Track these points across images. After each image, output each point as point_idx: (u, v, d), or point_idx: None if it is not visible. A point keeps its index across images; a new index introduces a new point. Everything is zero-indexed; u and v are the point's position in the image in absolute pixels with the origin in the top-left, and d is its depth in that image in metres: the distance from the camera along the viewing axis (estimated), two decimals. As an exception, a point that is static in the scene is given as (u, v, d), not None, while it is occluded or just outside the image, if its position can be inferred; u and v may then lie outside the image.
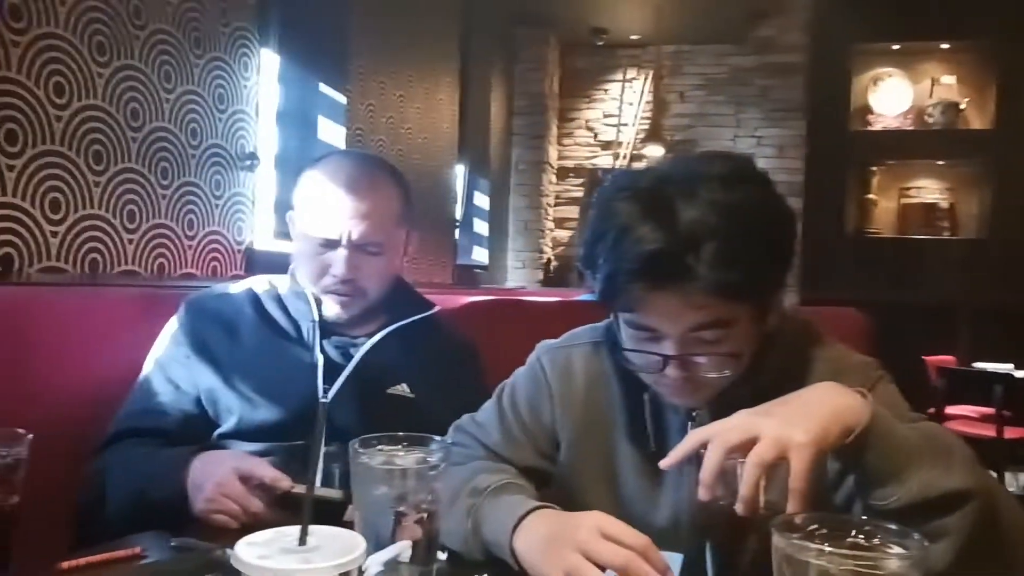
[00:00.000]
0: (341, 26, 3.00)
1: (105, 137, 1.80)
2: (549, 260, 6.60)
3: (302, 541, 0.60)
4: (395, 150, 3.75)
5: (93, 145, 1.76)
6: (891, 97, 6.36)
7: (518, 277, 6.41)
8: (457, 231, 4.78)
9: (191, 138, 2.12)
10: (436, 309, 1.40)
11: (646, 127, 6.38)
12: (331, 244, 1.25)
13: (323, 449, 1.18)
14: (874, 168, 6.40)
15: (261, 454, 1.14)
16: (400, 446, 0.75)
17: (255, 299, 1.31)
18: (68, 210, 1.70)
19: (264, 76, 2.46)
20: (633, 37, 6.37)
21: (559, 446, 1.06)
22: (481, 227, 5.41)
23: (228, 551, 0.84)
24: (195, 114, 2.14)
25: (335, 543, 0.61)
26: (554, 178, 6.77)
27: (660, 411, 0.99)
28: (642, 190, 0.87)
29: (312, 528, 0.61)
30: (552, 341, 1.09)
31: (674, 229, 0.82)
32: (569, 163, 6.80)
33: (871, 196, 6.41)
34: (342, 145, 3.04)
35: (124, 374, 1.28)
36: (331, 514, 0.86)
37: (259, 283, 1.34)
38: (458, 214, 4.80)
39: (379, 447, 0.73)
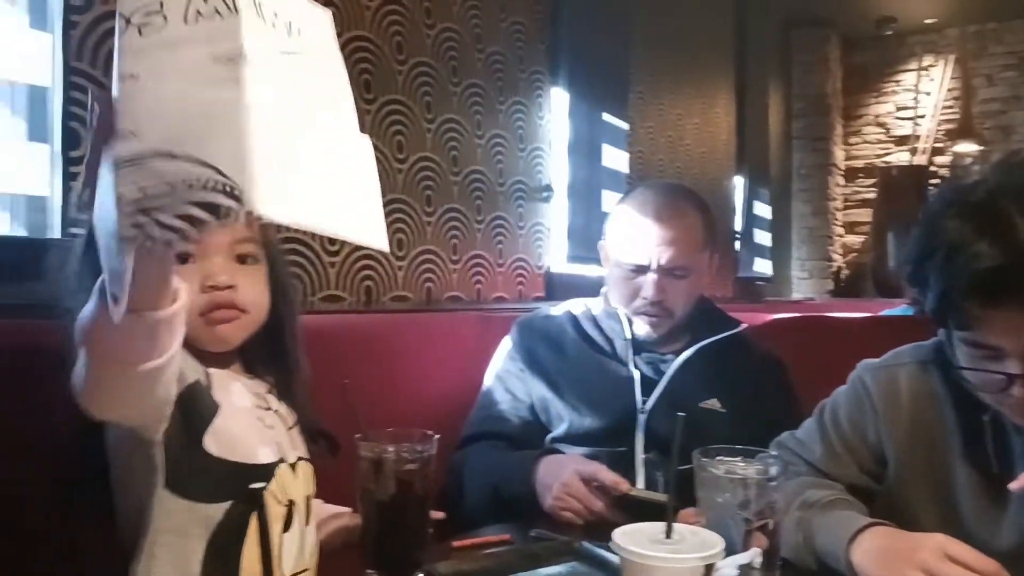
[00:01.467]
0: (621, 58, 3.15)
1: (433, 182, 2.09)
2: (839, 269, 6.21)
3: (668, 534, 0.70)
4: (674, 168, 3.82)
5: (425, 191, 2.06)
6: None
7: (804, 288, 6.11)
8: (737, 243, 4.70)
9: (499, 176, 2.38)
10: (743, 327, 1.45)
11: (949, 118, 5.77)
12: (641, 270, 1.36)
13: (643, 456, 1.29)
14: None
15: (588, 457, 1.27)
16: (740, 458, 0.82)
17: (574, 319, 1.46)
18: (409, 247, 2.00)
19: (555, 113, 2.67)
20: (928, 21, 5.81)
21: (884, 464, 1.05)
22: (762, 238, 5.26)
23: (583, 544, 0.97)
24: (501, 154, 2.39)
25: (695, 538, 0.70)
26: (841, 180, 6.37)
27: (1002, 432, 0.95)
28: (973, 204, 0.85)
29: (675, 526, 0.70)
30: (874, 360, 1.09)
31: (1014, 244, 0.80)
32: (858, 163, 6.36)
33: None
34: (625, 169, 3.17)
35: (464, 384, 1.50)
36: (658, 516, 0.96)
37: (576, 305, 1.50)
38: (738, 225, 4.73)
39: (719, 457, 0.81)
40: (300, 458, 0.89)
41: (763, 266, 5.29)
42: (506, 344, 1.48)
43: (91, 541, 0.88)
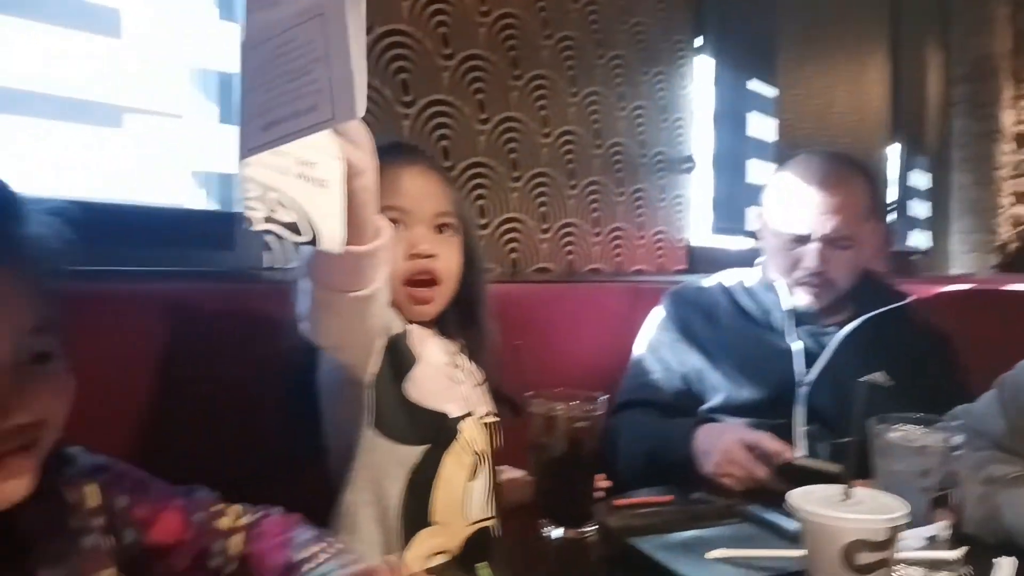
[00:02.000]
0: (768, 23, 3.03)
1: (576, 155, 2.11)
2: (1006, 242, 5.72)
3: (846, 497, 0.70)
4: (824, 136, 3.64)
5: (568, 163, 2.08)
6: None
7: (965, 263, 5.68)
8: (892, 215, 4.44)
9: (640, 148, 2.36)
10: (911, 299, 1.39)
11: None
12: (802, 240, 1.32)
13: (803, 428, 1.27)
14: None
15: (748, 427, 1.26)
16: (919, 426, 0.79)
17: (727, 292, 1.45)
18: (552, 220, 2.03)
19: (699, 82, 2.62)
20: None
21: None
22: (918, 209, 4.93)
23: (749, 507, 0.97)
24: (643, 125, 2.37)
25: (874, 502, 0.69)
26: (1009, 148, 5.84)
27: None
28: None
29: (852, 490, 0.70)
30: None
31: None
32: (1028, 128, 5.81)
33: None
34: (771, 138, 3.07)
35: (614, 354, 1.52)
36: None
37: (728, 277, 1.48)
38: (892, 197, 4.45)
39: (897, 425, 0.79)
40: (487, 413, 0.96)
41: (918, 239, 4.97)
42: (658, 314, 1.48)
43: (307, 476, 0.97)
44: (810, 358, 1.32)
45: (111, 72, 1.16)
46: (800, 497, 0.69)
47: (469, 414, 0.93)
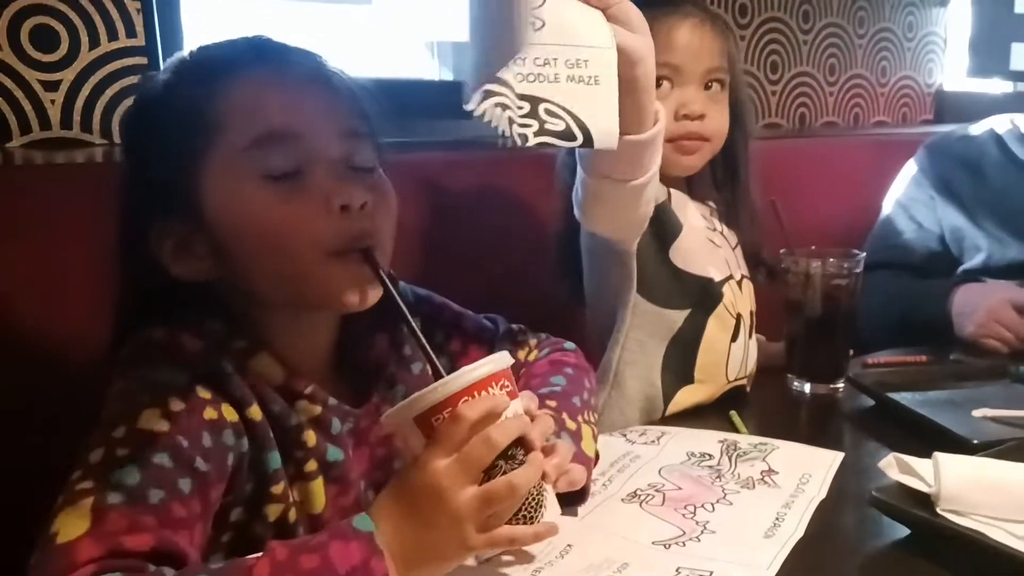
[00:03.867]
0: None
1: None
2: None
3: None
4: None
5: (803, 4, 1.91)
6: None
7: None
8: None
9: (890, -19, 2.11)
10: None
11: None
12: None
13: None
14: None
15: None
16: None
17: (998, 139, 1.31)
18: (784, 69, 1.90)
19: None
20: None
21: None
22: None
23: (1019, 366, 0.93)
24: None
25: None
26: None
27: None
28: None
29: None
30: None
31: None
32: None
33: None
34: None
35: (859, 212, 1.44)
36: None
37: (1000, 123, 1.33)
38: None
39: None
40: (744, 276, 0.97)
41: None
42: (911, 168, 1.38)
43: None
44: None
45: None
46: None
47: (731, 276, 0.95)
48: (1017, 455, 0.71)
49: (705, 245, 0.94)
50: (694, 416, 0.93)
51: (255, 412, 0.58)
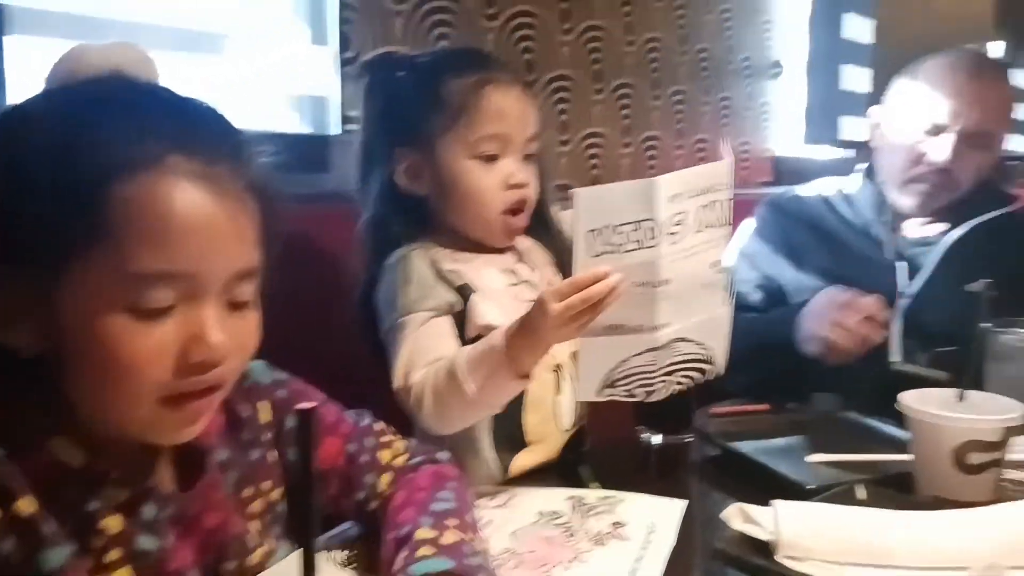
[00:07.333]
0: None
1: (659, 63, 2.04)
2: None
3: (960, 398, 0.69)
4: (924, 36, 3.41)
5: (653, 72, 2.02)
6: None
7: (1072, 167, 5.31)
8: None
9: (728, 53, 2.27)
10: (1019, 205, 1.32)
11: None
12: (936, 130, 1.26)
13: (900, 341, 1.25)
14: None
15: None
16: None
17: (825, 200, 1.41)
18: (635, 133, 1.99)
19: (790, -20, 2.47)
20: None
21: None
22: (1022, 111, 4.59)
23: (847, 414, 0.98)
24: (731, 29, 2.27)
25: (992, 403, 0.69)
26: None
27: None
28: None
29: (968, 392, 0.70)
30: None
31: None
32: None
33: None
34: (868, 40, 2.89)
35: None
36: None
37: (826, 187, 1.44)
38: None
39: (1016, 329, 0.78)
40: None
41: (1021, 143, 4.65)
42: (751, 224, 1.46)
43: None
44: (912, 270, 1.28)
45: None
46: (913, 398, 0.69)
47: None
48: (846, 499, 0.74)
49: (509, 306, 0.90)
50: (541, 471, 0.93)
51: (25, 505, 0.51)
